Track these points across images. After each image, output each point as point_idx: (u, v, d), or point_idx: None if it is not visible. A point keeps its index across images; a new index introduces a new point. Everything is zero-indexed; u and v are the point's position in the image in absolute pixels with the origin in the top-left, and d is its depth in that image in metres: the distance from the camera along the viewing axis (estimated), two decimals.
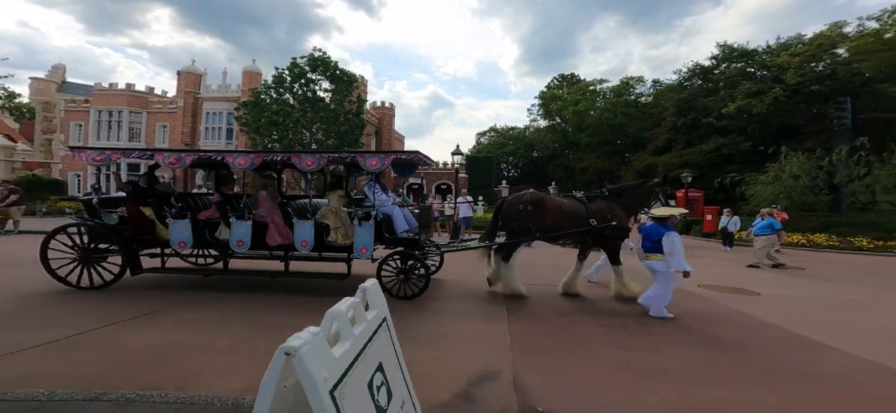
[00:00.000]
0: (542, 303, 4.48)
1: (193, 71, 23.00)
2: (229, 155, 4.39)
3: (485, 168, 33.93)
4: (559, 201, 4.91)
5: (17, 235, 9.15)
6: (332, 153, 4.51)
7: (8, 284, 4.56)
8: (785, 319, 4.10)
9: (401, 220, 4.71)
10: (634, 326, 3.71)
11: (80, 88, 23.69)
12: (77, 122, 22.49)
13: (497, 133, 51.67)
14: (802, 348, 3.28)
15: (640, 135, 28.93)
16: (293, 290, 4.65)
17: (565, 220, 4.74)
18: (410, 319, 3.58)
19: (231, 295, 4.40)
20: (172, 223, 4.45)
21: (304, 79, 18.04)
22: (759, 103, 17.91)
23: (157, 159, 4.55)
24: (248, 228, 4.38)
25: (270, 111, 16.79)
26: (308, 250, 4.41)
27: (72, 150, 4.68)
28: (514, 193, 5.26)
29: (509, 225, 4.90)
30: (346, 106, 19.38)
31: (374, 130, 33.01)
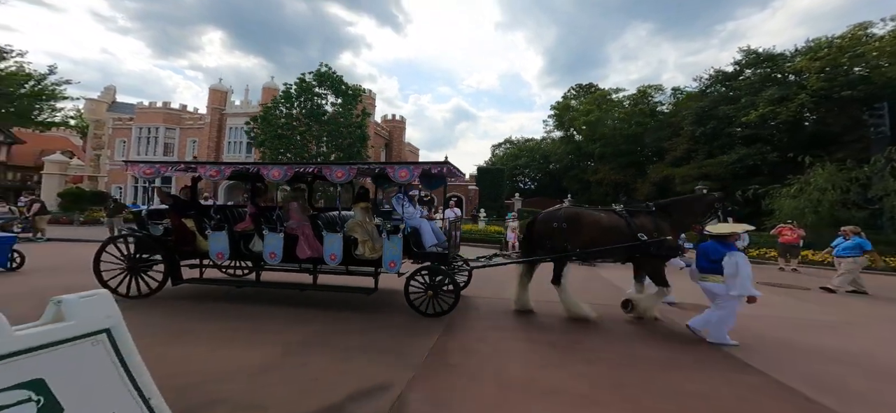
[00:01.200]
0: (489, 317, 4.43)
1: (220, 88, 25.05)
2: (264, 167, 4.48)
3: (496, 180, 33.76)
4: (597, 216, 4.63)
5: (46, 243, 10.27)
6: (362, 164, 4.58)
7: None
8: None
9: (429, 234, 4.62)
10: (566, 344, 3.60)
11: (126, 107, 26.50)
12: (122, 139, 25.09)
13: (512, 145, 51.41)
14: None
15: (658, 145, 27.66)
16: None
17: (604, 235, 4.45)
18: (347, 333, 3.67)
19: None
20: (211, 235, 4.56)
21: (310, 93, 19.07)
22: (784, 111, 16.62)
23: (199, 172, 4.72)
24: (280, 241, 4.42)
25: (276, 126, 17.82)
26: (336, 263, 4.38)
27: (127, 164, 5.05)
28: (548, 209, 5.09)
29: (543, 244, 4.65)
30: (353, 119, 20.21)
31: (385, 143, 34.01)
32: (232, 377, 2.57)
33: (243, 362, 2.82)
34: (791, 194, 13.11)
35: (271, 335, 3.49)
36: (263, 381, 2.54)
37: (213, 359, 2.88)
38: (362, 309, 4.49)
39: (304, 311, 4.30)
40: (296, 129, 18.23)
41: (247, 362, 2.82)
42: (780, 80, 17.88)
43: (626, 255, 4.53)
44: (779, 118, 16.91)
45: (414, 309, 4.21)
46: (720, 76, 23.77)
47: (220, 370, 2.67)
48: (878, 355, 3.69)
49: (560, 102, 41.30)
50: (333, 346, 3.26)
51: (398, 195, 4.73)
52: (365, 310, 4.45)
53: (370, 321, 4.07)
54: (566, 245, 4.46)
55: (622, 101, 33.44)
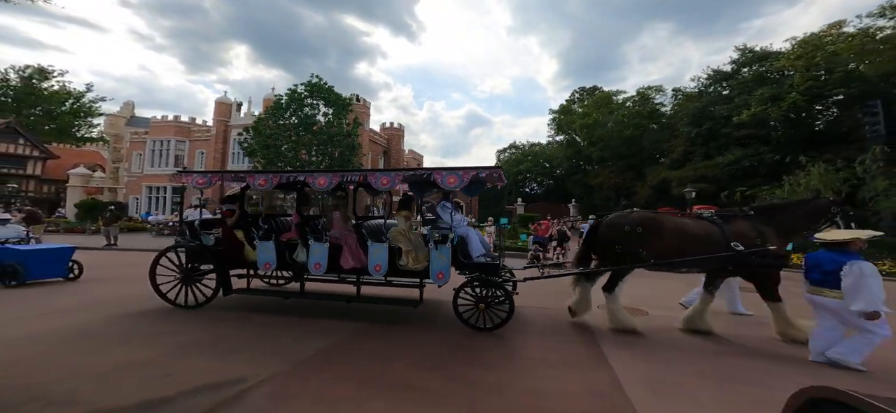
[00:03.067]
0: (429, 320, 4.46)
1: (225, 101, 26.52)
2: (310, 175, 4.41)
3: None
4: (680, 222, 4.32)
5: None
6: (408, 171, 4.38)
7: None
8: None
9: (477, 243, 4.42)
10: (484, 347, 3.67)
11: (143, 122, 28.45)
12: (138, 152, 26.89)
13: (517, 150, 51.32)
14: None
15: (656, 147, 27.13)
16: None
17: (689, 243, 4.06)
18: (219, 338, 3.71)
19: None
20: (259, 244, 4.54)
21: (301, 103, 19.93)
22: (776, 110, 16.11)
23: (248, 181, 4.71)
24: (325, 250, 4.34)
25: (265, 135, 18.71)
26: (382, 275, 4.24)
27: (181, 174, 4.94)
28: (616, 213, 4.85)
29: (610, 249, 4.37)
30: (344, 128, 20.93)
31: (383, 150, 34.76)
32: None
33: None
34: (783, 195, 12.71)
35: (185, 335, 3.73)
36: (129, 376, 2.79)
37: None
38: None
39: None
40: (285, 139, 19.07)
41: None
42: (772, 79, 17.33)
43: (717, 266, 4.05)
44: (771, 117, 16.38)
45: (464, 322, 4.04)
46: (717, 76, 23.20)
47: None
48: None
49: (561, 106, 41.14)
50: (220, 347, 3.43)
51: (444, 203, 4.55)
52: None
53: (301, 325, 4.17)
54: (640, 251, 4.14)
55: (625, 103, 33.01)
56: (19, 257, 6.09)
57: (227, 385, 2.70)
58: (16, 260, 6.03)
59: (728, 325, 4.57)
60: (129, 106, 29.59)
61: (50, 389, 2.61)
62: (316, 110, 20.93)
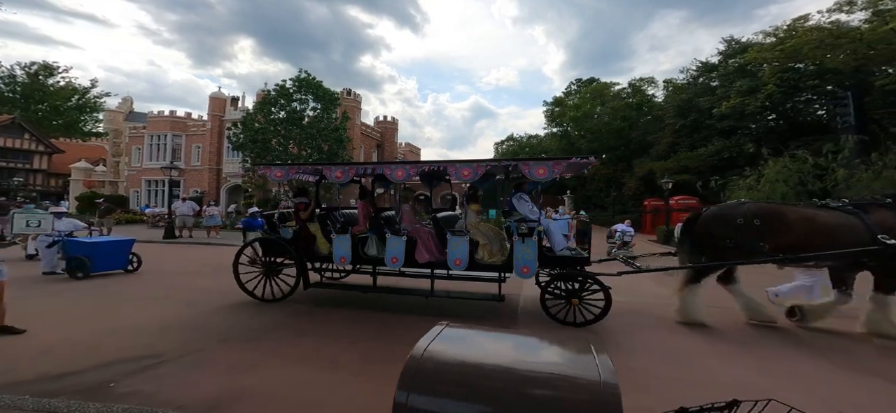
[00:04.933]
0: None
1: (219, 96, 27.13)
2: (387, 167, 4.45)
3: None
4: (808, 213, 3.92)
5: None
6: (492, 161, 4.25)
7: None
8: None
9: (559, 236, 4.32)
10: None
11: (142, 117, 29.25)
12: (137, 146, 27.75)
13: (515, 141, 51.30)
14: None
15: (644, 139, 27.15)
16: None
17: (823, 236, 3.68)
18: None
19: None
20: (336, 238, 4.51)
21: (289, 98, 20.39)
22: (753, 102, 16.17)
23: (325, 174, 4.68)
24: (403, 244, 4.27)
25: (252, 130, 19.26)
26: (463, 269, 4.15)
27: (261, 167, 5.70)
28: (720, 205, 4.58)
29: (719, 242, 4.06)
30: (332, 123, 21.38)
31: (376, 144, 35.17)
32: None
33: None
34: (747, 186, 12.95)
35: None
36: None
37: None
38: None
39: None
40: (272, 133, 19.60)
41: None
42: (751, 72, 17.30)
43: (853, 260, 3.69)
44: (748, 109, 16.45)
45: (552, 319, 3.94)
46: (705, 68, 23.06)
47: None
48: None
49: (555, 98, 40.98)
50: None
51: (520, 195, 4.44)
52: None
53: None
54: (761, 245, 3.84)
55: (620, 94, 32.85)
56: (87, 250, 6.03)
57: (139, 359, 3.21)
58: (84, 253, 5.97)
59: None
60: (128, 101, 30.41)
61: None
62: (304, 105, 21.40)
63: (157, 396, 2.51)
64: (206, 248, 11.32)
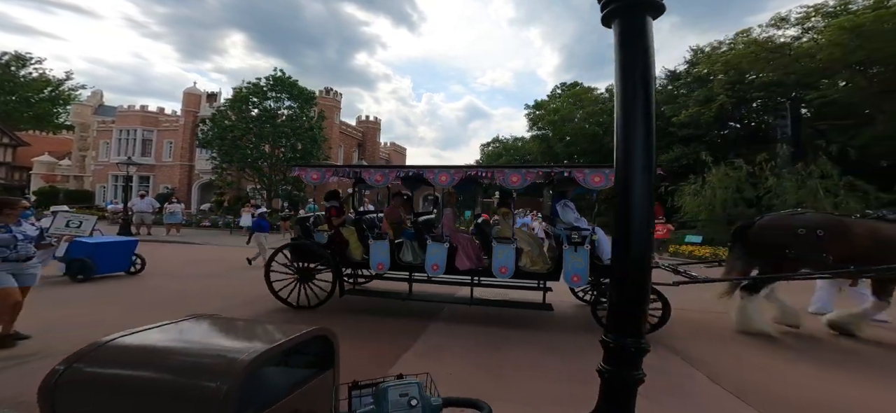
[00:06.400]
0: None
1: (194, 91, 26.74)
2: (430, 171, 4.20)
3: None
4: (874, 225, 3.90)
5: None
6: (543, 167, 4.24)
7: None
8: None
9: (607, 244, 4.13)
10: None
11: (111, 111, 28.57)
12: (105, 141, 27.12)
13: (500, 143, 51.78)
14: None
15: None
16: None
17: (885, 250, 3.67)
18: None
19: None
20: (373, 244, 4.32)
21: (262, 95, 20.26)
22: (708, 111, 16.83)
23: (363, 176, 4.51)
24: (444, 251, 4.12)
25: (221, 127, 19.08)
26: (508, 277, 4.04)
27: (296, 168, 4.84)
28: (776, 214, 4.50)
29: (777, 253, 4.00)
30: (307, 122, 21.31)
31: (357, 143, 35.10)
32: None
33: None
34: (693, 192, 13.48)
35: None
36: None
37: None
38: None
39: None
40: (243, 130, 19.44)
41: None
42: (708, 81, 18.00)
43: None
44: (704, 118, 17.11)
45: (602, 327, 3.94)
46: (672, 76, 23.81)
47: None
48: None
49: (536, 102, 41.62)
50: None
51: (565, 202, 4.36)
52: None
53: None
54: (823, 254, 3.79)
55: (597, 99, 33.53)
56: (89, 251, 5.60)
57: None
58: (86, 254, 5.56)
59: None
60: (97, 94, 29.67)
61: None
62: (279, 103, 21.26)
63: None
64: (208, 249, 10.79)
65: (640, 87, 1.13)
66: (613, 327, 1.09)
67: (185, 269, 7.23)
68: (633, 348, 1.04)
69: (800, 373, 3.33)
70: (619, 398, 1.07)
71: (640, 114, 1.13)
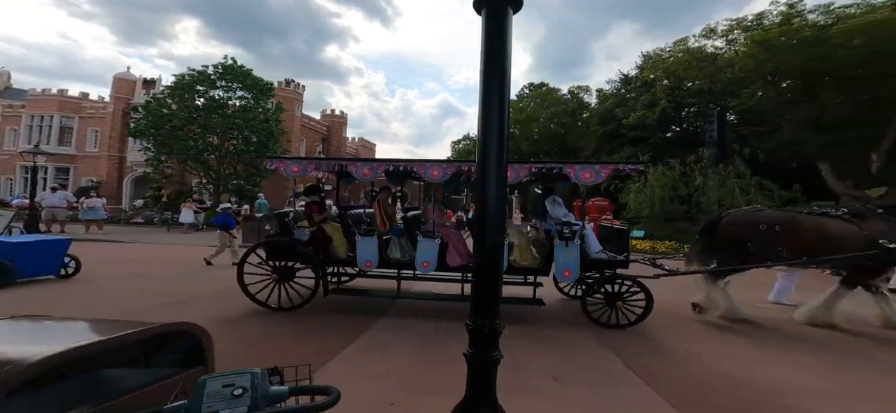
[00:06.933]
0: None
1: (127, 77, 23.86)
2: (421, 165, 4.15)
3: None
4: (820, 220, 4.28)
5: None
6: (539, 163, 4.29)
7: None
8: None
9: (594, 239, 4.31)
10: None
11: (20, 94, 24.65)
12: (12, 127, 23.38)
13: (470, 140, 52.13)
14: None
15: (575, 145, 29.18)
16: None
17: (828, 242, 4.07)
18: None
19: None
20: (361, 240, 4.19)
21: (210, 84, 18.62)
22: (652, 114, 18.13)
23: (349, 169, 4.34)
24: (435, 247, 4.08)
25: (157, 115, 17.28)
26: (502, 272, 4.02)
27: (272, 160, 4.51)
28: (739, 210, 4.85)
29: (740, 246, 4.31)
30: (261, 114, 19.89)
31: (321, 138, 33.57)
32: None
33: None
34: (636, 190, 14.40)
35: None
36: None
37: None
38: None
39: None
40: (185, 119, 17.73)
41: None
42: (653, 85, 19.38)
43: (852, 264, 4.07)
44: (649, 121, 18.37)
45: (594, 321, 4.00)
46: (625, 80, 25.34)
47: None
48: None
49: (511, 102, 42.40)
50: None
51: (554, 197, 4.49)
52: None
53: None
54: (779, 248, 4.13)
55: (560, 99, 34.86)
56: (9, 253, 4.95)
57: None
58: (5, 256, 4.89)
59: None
60: (3, 76, 25.45)
61: None
62: (231, 93, 19.69)
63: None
64: (140, 248, 9.78)
65: (498, 77, 1.16)
66: (475, 312, 1.15)
67: (127, 269, 6.57)
68: (489, 330, 1.13)
69: (727, 358, 3.47)
70: (481, 378, 1.15)
71: (496, 106, 1.16)
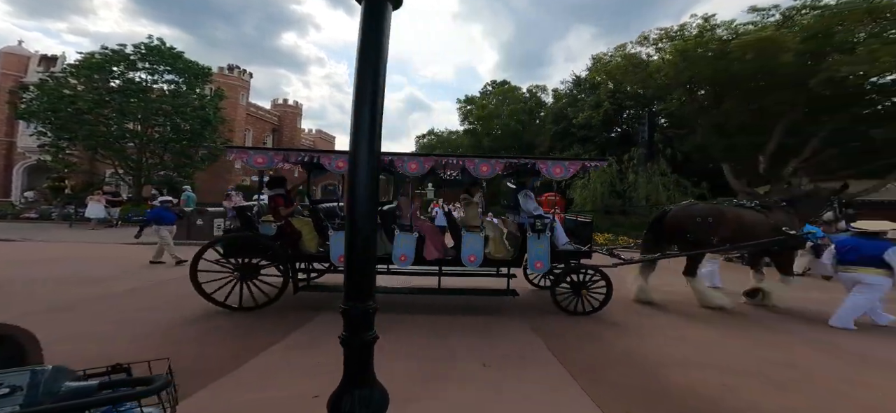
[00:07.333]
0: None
1: (18, 52, 20.13)
2: (399, 159, 4.13)
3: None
4: (739, 211, 4.89)
5: None
6: (511, 158, 4.36)
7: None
8: None
9: (561, 231, 4.54)
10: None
11: None
12: None
13: (435, 136, 51.99)
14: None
15: (534, 141, 30.53)
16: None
17: (744, 231, 4.67)
18: None
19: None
20: (334, 235, 4.11)
21: (129, 65, 16.39)
22: (596, 115, 19.54)
23: (321, 162, 4.17)
24: (413, 241, 4.13)
25: (54, 97, 14.90)
26: (477, 265, 4.20)
27: (233, 151, 4.17)
28: (681, 204, 5.35)
29: (682, 237, 4.84)
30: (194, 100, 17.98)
31: (272, 129, 31.33)
32: None
33: None
34: (581, 185, 15.50)
35: None
36: None
37: None
38: None
39: None
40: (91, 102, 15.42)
41: None
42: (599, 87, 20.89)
43: (763, 248, 4.70)
44: (594, 121, 19.78)
45: (563, 310, 4.26)
46: (576, 81, 26.94)
47: None
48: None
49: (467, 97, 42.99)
50: None
51: (526, 191, 4.66)
52: None
53: None
54: (711, 238, 4.66)
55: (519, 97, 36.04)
56: None
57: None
58: None
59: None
60: None
61: None
62: (156, 76, 17.46)
63: None
64: (29, 247, 8.69)
65: (372, 68, 1.18)
66: (347, 295, 1.18)
67: (26, 273, 5.82)
68: (361, 311, 1.17)
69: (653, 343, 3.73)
70: (356, 359, 1.19)
71: (369, 98, 1.17)
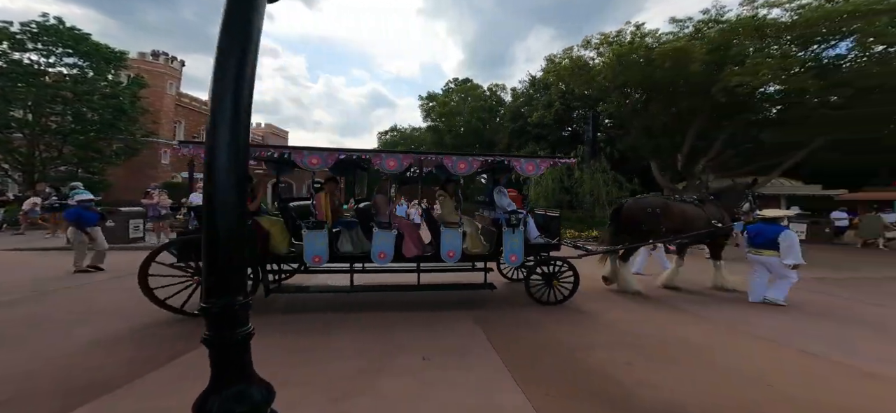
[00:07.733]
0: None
1: None
2: (377, 156, 4.18)
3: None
4: (682, 206, 5.53)
5: None
6: (487, 156, 4.47)
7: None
8: None
9: (533, 226, 4.74)
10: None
11: None
12: None
13: (398, 132, 51.03)
14: None
15: (494, 138, 31.38)
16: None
17: (687, 222, 5.25)
18: None
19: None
20: (308, 234, 4.03)
21: (16, 45, 13.85)
22: (549, 114, 20.63)
23: (295, 159, 4.06)
24: (392, 238, 4.17)
25: None
26: (456, 261, 4.29)
27: (188, 145, 3.85)
28: (635, 198, 5.94)
29: (636, 227, 5.30)
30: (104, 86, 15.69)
31: None
32: None
33: None
34: (535, 181, 16.23)
35: None
36: None
37: None
38: None
39: None
40: None
41: None
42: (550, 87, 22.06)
43: (702, 238, 5.39)
44: (546, 120, 20.83)
45: (534, 300, 4.48)
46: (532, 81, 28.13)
47: None
48: None
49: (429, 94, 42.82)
50: None
51: (500, 187, 4.87)
52: None
53: None
54: (661, 229, 5.17)
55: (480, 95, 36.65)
56: None
57: None
58: None
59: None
60: None
61: None
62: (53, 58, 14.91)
63: None
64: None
65: (237, 56, 1.12)
66: (209, 292, 1.10)
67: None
68: (225, 308, 1.09)
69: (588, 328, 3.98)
70: (228, 359, 1.10)
71: (232, 86, 1.10)
